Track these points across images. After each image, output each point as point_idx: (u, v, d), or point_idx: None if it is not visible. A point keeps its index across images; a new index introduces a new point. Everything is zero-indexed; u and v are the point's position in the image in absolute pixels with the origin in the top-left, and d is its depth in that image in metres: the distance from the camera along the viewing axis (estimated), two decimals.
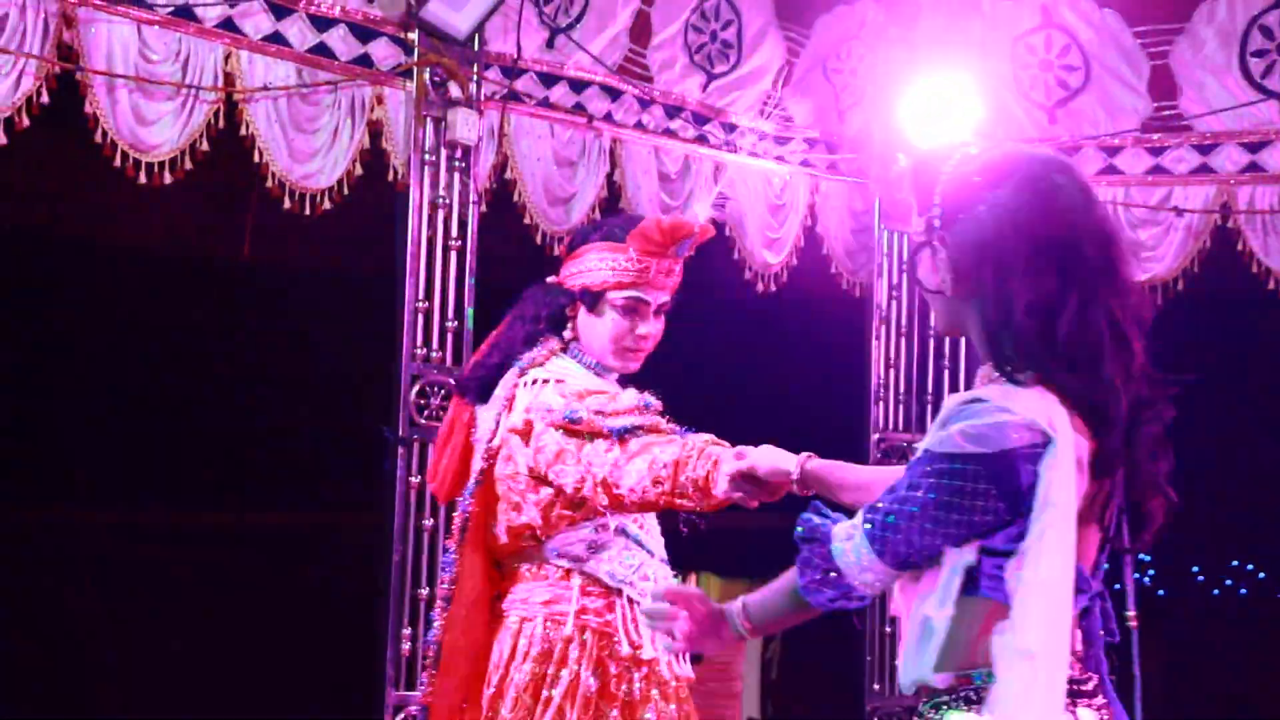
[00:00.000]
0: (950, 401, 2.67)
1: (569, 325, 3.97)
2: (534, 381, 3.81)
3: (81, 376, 7.97)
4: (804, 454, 3.46)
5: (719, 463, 3.44)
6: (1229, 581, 12.09)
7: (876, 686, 7.24)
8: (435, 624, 3.90)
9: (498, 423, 3.81)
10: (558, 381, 3.77)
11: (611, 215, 3.96)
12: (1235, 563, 11.94)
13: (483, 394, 3.91)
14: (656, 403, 3.68)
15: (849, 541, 2.69)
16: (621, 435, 3.56)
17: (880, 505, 2.67)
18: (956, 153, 2.83)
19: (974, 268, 2.69)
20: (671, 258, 3.92)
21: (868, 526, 2.67)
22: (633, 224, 3.95)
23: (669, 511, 3.72)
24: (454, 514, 3.95)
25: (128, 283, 7.77)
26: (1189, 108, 7.14)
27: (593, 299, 3.93)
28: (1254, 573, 11.92)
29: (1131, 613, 3.00)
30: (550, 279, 4.09)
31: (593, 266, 3.95)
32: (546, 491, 3.76)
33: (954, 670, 2.69)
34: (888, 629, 7.25)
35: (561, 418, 3.65)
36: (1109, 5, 7.22)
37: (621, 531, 3.85)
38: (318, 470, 8.20)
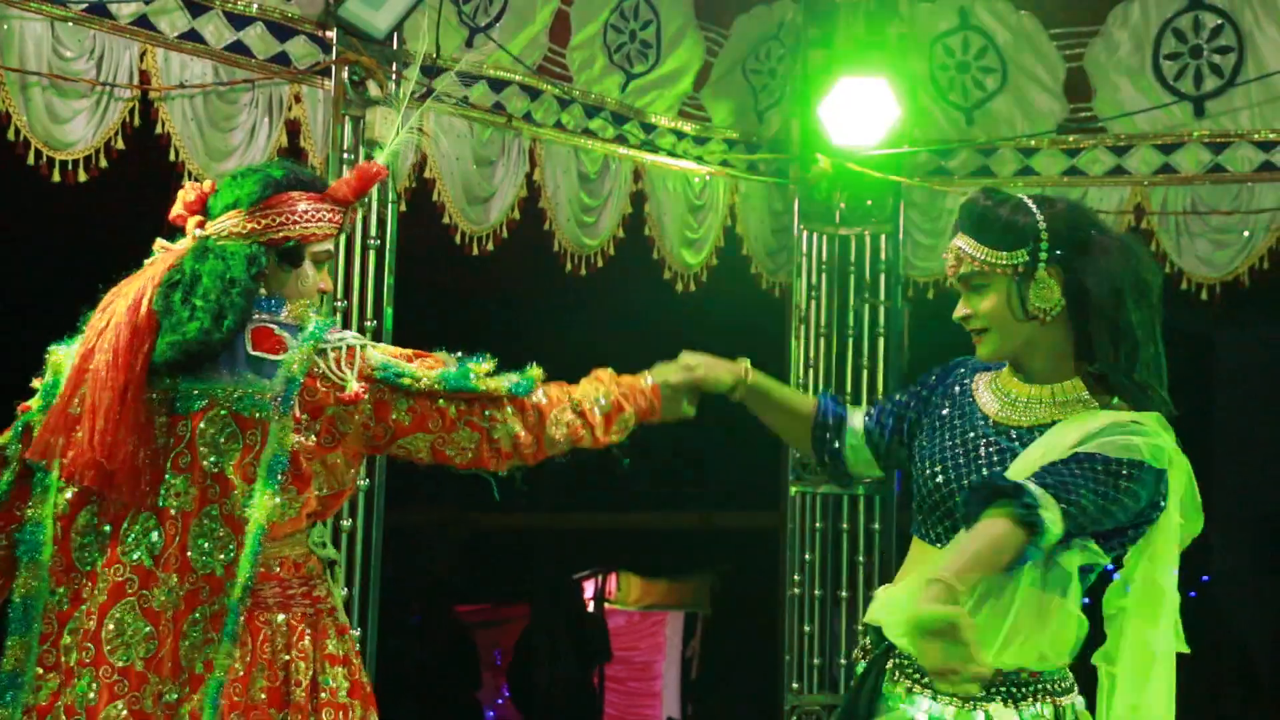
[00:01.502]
0: (1109, 418, 3.22)
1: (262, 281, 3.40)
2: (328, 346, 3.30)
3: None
4: (745, 362, 3.77)
5: (653, 374, 3.59)
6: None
7: (795, 685, 7.27)
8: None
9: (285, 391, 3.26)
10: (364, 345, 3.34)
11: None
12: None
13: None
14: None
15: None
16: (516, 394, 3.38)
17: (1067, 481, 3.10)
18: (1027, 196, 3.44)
19: (1096, 300, 3.27)
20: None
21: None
22: (297, 172, 3.53)
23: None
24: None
25: (41, 281, 7.68)
26: (1103, 110, 7.21)
27: (296, 252, 3.43)
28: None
29: None
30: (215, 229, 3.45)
31: (302, 217, 3.41)
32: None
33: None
34: (805, 628, 7.28)
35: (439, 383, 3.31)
36: (1026, 8, 7.29)
37: None
38: None
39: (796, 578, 7.30)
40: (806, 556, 7.30)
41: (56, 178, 5.36)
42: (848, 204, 7.43)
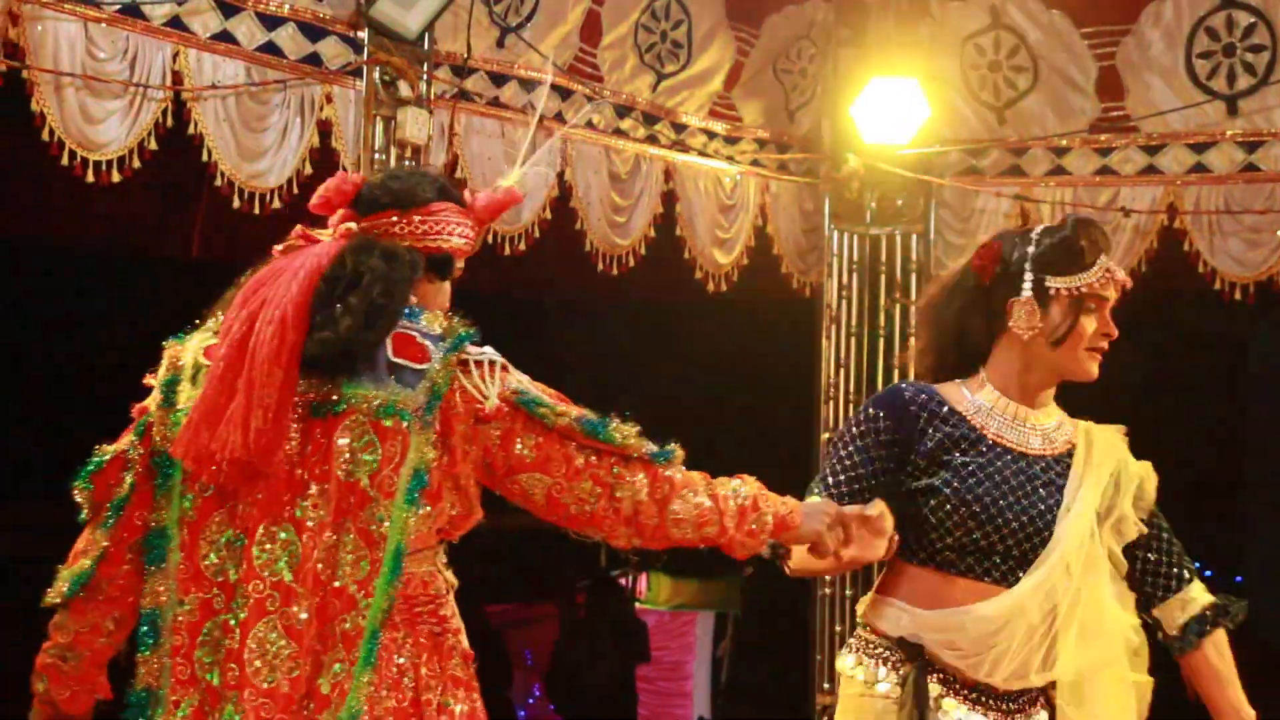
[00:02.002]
0: (1117, 435, 3.70)
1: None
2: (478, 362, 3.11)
3: (25, 375, 7.91)
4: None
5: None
6: None
7: (827, 685, 7.26)
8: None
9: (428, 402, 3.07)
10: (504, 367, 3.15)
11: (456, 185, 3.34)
12: None
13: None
14: None
15: None
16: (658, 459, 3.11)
17: None
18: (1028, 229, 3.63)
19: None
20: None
21: None
22: (449, 184, 3.35)
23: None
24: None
25: (73, 281, 7.72)
26: (1136, 109, 7.18)
27: (447, 264, 3.27)
28: (1199, 571, 11.99)
29: None
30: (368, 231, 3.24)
31: (451, 229, 3.24)
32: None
33: None
34: (837, 628, 7.27)
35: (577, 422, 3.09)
36: (1057, 7, 7.27)
37: None
38: None
39: (828, 578, 7.29)
40: None
41: (90, 178, 5.38)
42: (878, 203, 7.42)
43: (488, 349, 3.09)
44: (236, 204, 5.74)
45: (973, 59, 7.36)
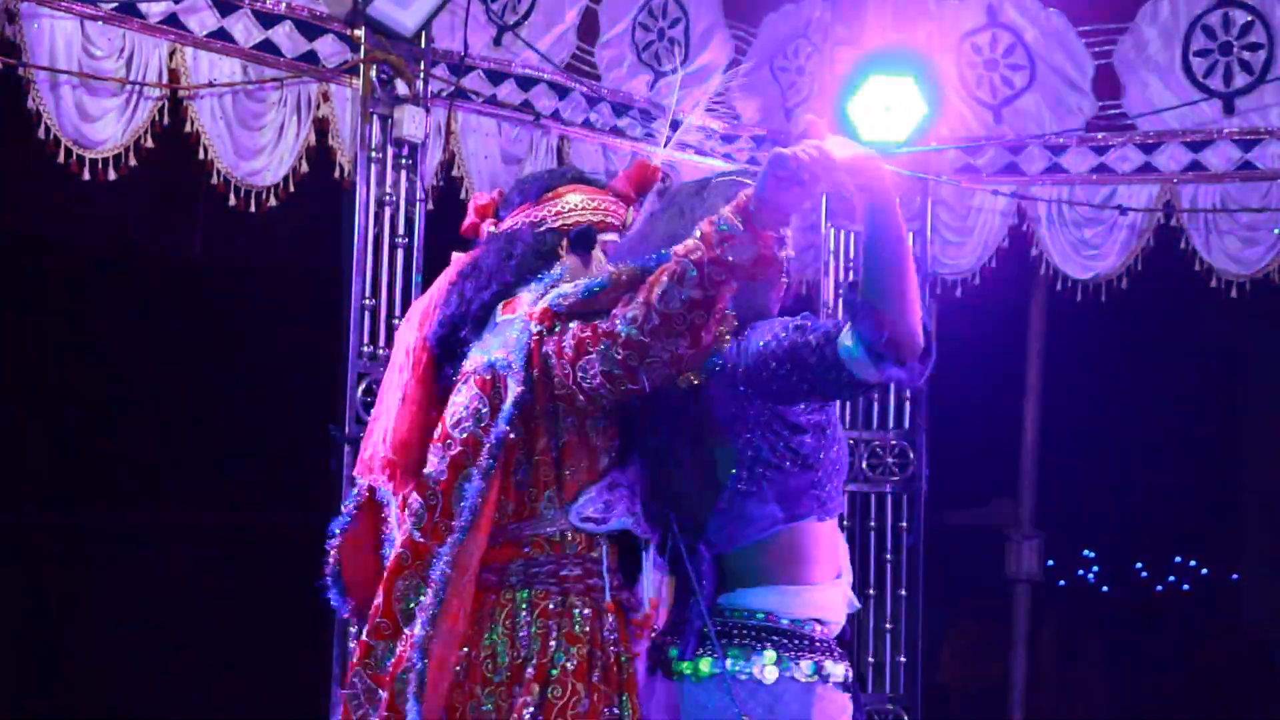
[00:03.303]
0: None
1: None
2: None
3: (23, 373, 7.91)
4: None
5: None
6: (1172, 578, 12.18)
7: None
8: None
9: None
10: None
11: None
12: (1178, 559, 12.04)
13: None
14: None
15: None
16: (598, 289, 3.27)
17: None
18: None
19: None
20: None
21: None
22: (580, 173, 3.79)
23: None
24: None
25: (70, 280, 7.72)
26: (1132, 107, 7.18)
27: (587, 237, 3.51)
28: (1196, 569, 12.02)
29: None
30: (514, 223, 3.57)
31: (576, 207, 3.54)
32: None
33: None
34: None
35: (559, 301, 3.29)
36: (1054, 5, 7.27)
37: None
38: (262, 468, 8.17)
39: None
40: None
41: (86, 176, 5.39)
42: None
43: (567, 285, 3.32)
44: (233, 202, 5.75)
45: (969, 57, 7.36)
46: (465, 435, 3.21)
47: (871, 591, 7.25)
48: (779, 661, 3.35)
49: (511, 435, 3.18)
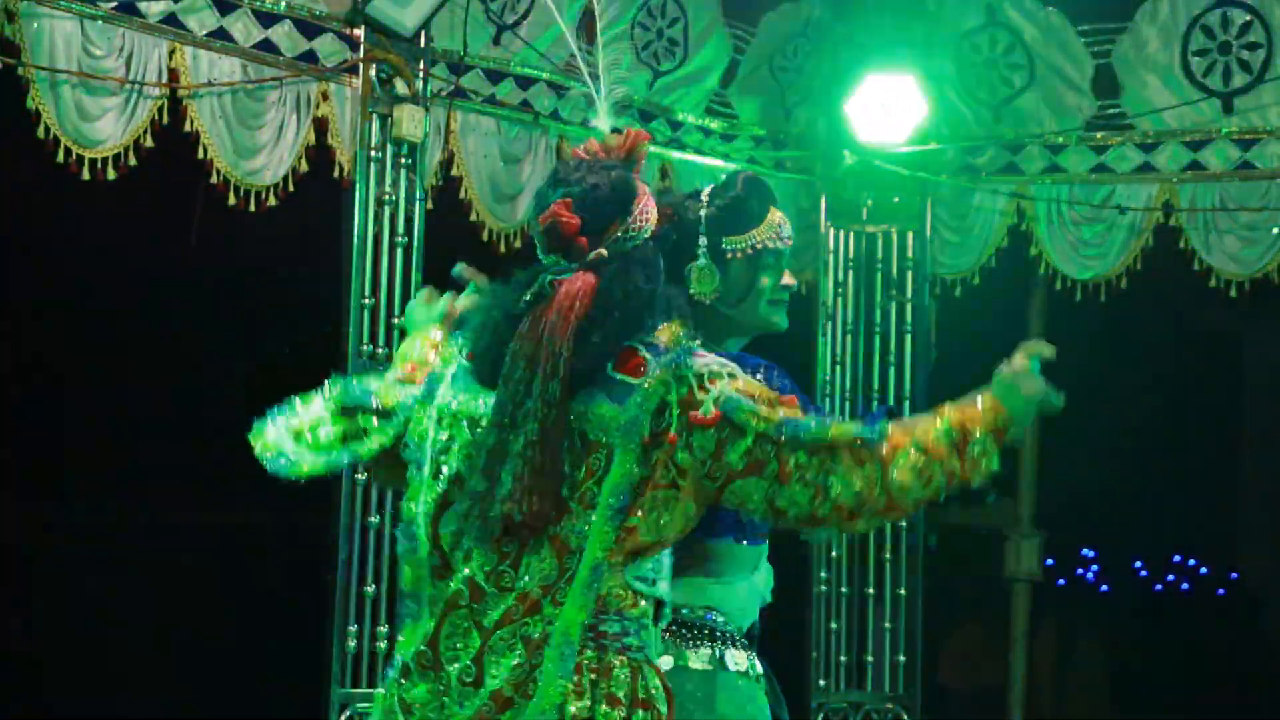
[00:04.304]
0: None
1: None
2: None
3: (23, 372, 7.91)
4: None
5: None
6: (1171, 577, 12.19)
7: (823, 683, 7.27)
8: None
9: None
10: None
11: None
12: (1178, 558, 12.05)
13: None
14: None
15: None
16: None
17: None
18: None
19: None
20: None
21: None
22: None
23: None
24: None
25: (69, 279, 7.72)
26: (1131, 106, 7.19)
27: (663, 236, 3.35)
28: (1195, 568, 12.03)
29: None
30: None
31: (649, 202, 3.26)
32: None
33: None
34: (833, 625, 7.27)
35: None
36: (1053, 4, 7.27)
37: None
38: (260, 467, 8.16)
39: (824, 575, 7.30)
40: (834, 553, 7.29)
41: (86, 175, 5.39)
42: (874, 201, 7.42)
43: (711, 358, 3.06)
44: (232, 201, 5.75)
45: (969, 56, 7.37)
46: None
47: (871, 590, 7.26)
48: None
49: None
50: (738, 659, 3.45)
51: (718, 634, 3.43)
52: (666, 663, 3.34)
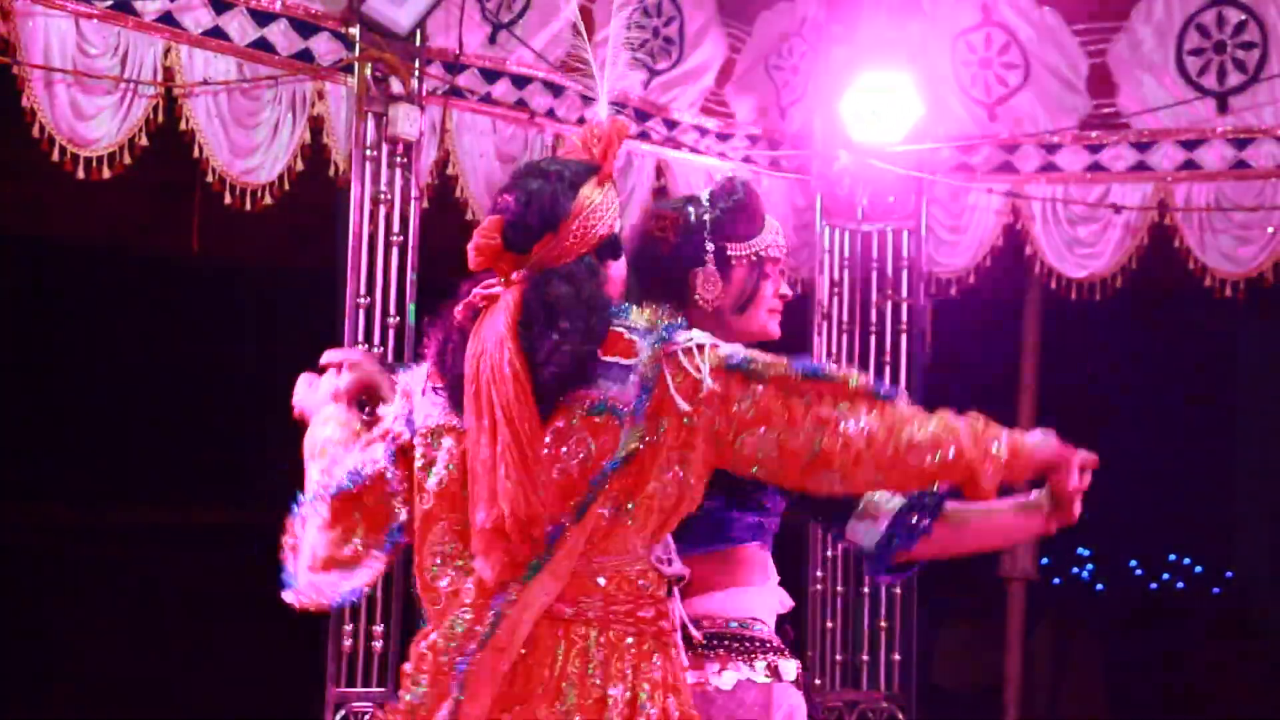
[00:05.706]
0: None
1: None
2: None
3: (19, 372, 7.91)
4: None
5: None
6: (1166, 576, 12.20)
7: (819, 681, 7.27)
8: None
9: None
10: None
11: None
12: (1173, 557, 12.06)
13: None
14: None
15: None
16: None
17: None
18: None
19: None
20: None
21: None
22: None
23: None
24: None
25: (65, 278, 7.72)
26: (1127, 105, 7.19)
27: (613, 245, 3.33)
28: (1190, 567, 12.04)
29: None
30: None
31: (600, 213, 3.29)
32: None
33: None
34: (828, 624, 7.28)
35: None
36: (1048, 3, 7.28)
37: None
38: (257, 466, 8.16)
39: (819, 574, 7.30)
40: (829, 553, 7.29)
41: (81, 174, 5.38)
42: (870, 200, 7.43)
43: (695, 332, 3.11)
44: (228, 200, 5.75)
45: (964, 55, 7.37)
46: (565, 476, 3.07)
47: (866, 590, 7.26)
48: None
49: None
50: (787, 669, 3.44)
51: (769, 645, 3.44)
52: (729, 678, 3.34)
